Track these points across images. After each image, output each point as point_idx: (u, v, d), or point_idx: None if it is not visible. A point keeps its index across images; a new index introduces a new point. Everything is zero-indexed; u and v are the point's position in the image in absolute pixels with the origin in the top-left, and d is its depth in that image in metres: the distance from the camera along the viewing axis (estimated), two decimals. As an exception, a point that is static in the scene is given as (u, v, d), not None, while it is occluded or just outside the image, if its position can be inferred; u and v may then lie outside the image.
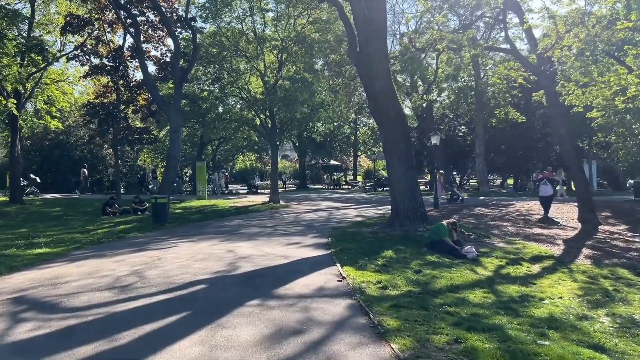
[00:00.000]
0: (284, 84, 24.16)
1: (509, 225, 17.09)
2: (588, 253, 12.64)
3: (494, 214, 20.36)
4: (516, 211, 21.38)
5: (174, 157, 18.70)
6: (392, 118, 13.33)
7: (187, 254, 10.04)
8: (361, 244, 11.26)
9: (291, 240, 12.18)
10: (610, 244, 14.25)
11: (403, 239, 12.24)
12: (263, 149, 40.56)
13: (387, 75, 13.40)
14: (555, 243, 13.95)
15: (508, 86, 31.51)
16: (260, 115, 25.14)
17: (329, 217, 18.13)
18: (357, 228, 14.19)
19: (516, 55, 20.80)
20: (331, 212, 20.46)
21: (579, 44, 20.09)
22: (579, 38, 19.88)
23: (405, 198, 13.39)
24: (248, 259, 9.21)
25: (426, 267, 9.11)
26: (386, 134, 13.59)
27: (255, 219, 18.09)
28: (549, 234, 15.54)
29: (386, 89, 13.25)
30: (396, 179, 13.47)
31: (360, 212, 19.90)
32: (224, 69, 24.79)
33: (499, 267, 10.10)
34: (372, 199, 27.98)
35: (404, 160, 13.40)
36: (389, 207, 22.93)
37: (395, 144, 13.39)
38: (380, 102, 13.32)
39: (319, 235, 13.17)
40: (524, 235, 15.02)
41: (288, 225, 15.62)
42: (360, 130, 52.05)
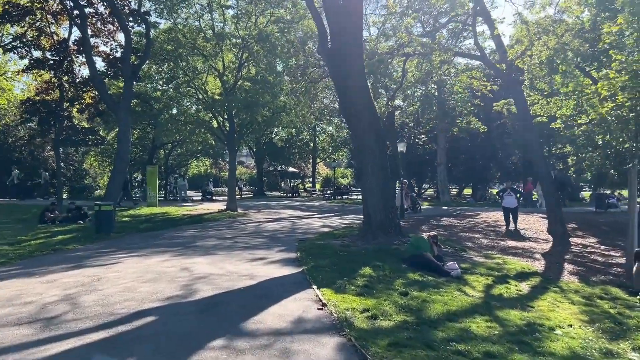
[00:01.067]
0: (245, 85, 22.78)
1: (481, 237, 16.34)
2: (571, 269, 11.92)
3: (462, 224, 19.64)
4: (483, 222, 20.76)
5: (122, 159, 16.97)
6: (366, 120, 12.23)
7: (134, 272, 8.54)
8: (334, 260, 10.05)
9: (255, 254, 10.82)
10: (589, 259, 13.65)
11: (378, 253, 11.11)
12: (219, 153, 38.82)
13: (362, 71, 12.30)
14: (534, 257, 13.22)
15: (470, 95, 31.31)
16: (218, 117, 23.61)
17: (293, 228, 16.85)
18: (326, 240, 12.99)
19: (486, 62, 20.25)
20: (294, 221, 19.18)
21: (547, 52, 19.78)
22: (548, 46, 19.56)
23: (379, 208, 12.29)
24: (207, 280, 7.82)
25: (412, 288, 8.00)
26: (359, 139, 12.48)
27: (211, 229, 16.58)
28: (524, 247, 14.84)
29: (361, 87, 12.15)
30: (369, 188, 12.36)
31: (326, 222, 18.72)
32: (179, 67, 23.15)
33: (488, 287, 9.13)
34: (335, 208, 26.88)
35: (378, 168, 12.32)
36: (355, 217, 22.09)
37: (369, 150, 12.29)
38: (354, 101, 12.20)
39: (286, 248, 11.87)
40: (499, 249, 14.26)
41: (249, 237, 14.23)
42: (320, 137, 51.07)
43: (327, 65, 14.70)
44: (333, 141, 48.80)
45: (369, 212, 12.48)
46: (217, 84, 24.93)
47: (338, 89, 13.03)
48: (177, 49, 22.67)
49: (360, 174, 12.55)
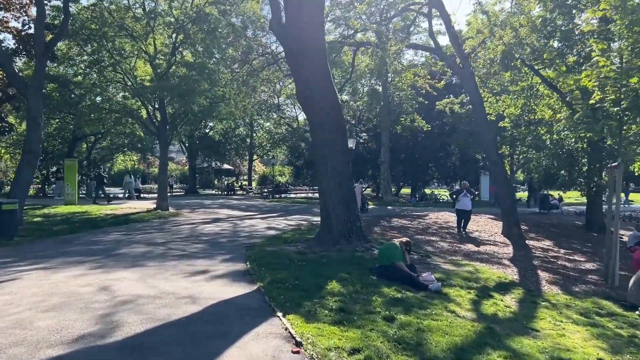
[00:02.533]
0: (179, 70, 20.51)
1: (439, 241, 15.23)
2: (547, 277, 10.91)
3: (414, 226, 18.54)
4: (434, 223, 19.81)
5: (32, 150, 14.32)
6: (326, 107, 10.63)
7: (34, 294, 6.44)
8: (293, 272, 8.36)
9: (195, 266, 8.91)
10: (558, 264, 12.79)
11: (342, 262, 9.55)
12: (148, 147, 35.87)
13: (322, 48, 10.66)
14: (502, 264, 12.16)
15: (415, 93, 30.57)
16: (147, 106, 21.17)
17: (235, 230, 14.94)
18: (277, 246, 11.24)
19: (440, 55, 19.24)
20: (235, 222, 17.25)
21: (502, 47, 19.06)
22: (503, 41, 18.83)
23: (340, 211, 10.73)
24: (134, 306, 5.90)
25: (395, 310, 6.49)
26: (317, 129, 10.84)
27: (139, 231, 14.36)
28: (487, 252, 13.83)
29: (321, 67, 10.52)
30: (329, 188, 10.76)
31: (270, 224, 16.95)
32: (104, 49, 20.48)
33: (474, 303, 7.82)
34: (276, 207, 25.12)
35: (339, 165, 10.76)
36: (300, 217, 20.43)
37: (329, 143, 10.70)
38: (312, 85, 10.55)
39: (232, 257, 10.02)
40: (463, 254, 13.14)
41: (185, 242, 12.20)
42: (257, 133, 49.01)
43: (280, 41, 12.90)
44: (271, 137, 46.96)
45: (328, 214, 10.88)
46: (147, 70, 22.42)
47: (294, 71, 11.32)
48: (101, 28, 20.01)
49: (318, 171, 10.90)
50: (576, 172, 19.72)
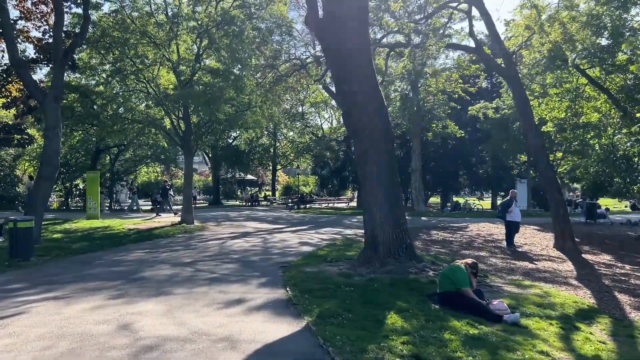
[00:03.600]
0: (204, 77, 19.58)
1: (489, 257, 13.83)
2: (628, 301, 9.45)
3: (457, 239, 17.16)
4: (477, 235, 18.40)
5: (50, 162, 13.42)
6: (371, 111, 9.44)
7: (40, 337, 5.34)
8: (342, 301, 7.16)
9: (228, 292, 7.75)
10: (630, 283, 11.30)
11: (394, 287, 8.31)
12: (171, 158, 35.13)
13: (367, 46, 9.50)
14: (570, 284, 10.73)
15: (447, 98, 29.22)
16: (171, 115, 20.28)
17: (267, 247, 13.78)
18: (316, 266, 10.04)
19: (482, 55, 17.89)
20: (264, 237, 16.12)
21: (549, 45, 17.65)
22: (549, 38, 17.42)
23: (388, 226, 9.50)
24: (160, 354, 4.74)
25: (478, 353, 5.23)
26: (361, 135, 9.63)
27: (164, 248, 13.31)
28: (546, 269, 12.39)
29: (366, 69, 9.36)
30: (375, 201, 9.54)
31: (302, 238, 15.77)
32: (126, 57, 19.67)
33: (563, 339, 6.49)
34: (305, 219, 23.95)
35: (386, 173, 9.55)
36: (332, 230, 19.17)
37: (376, 149, 9.49)
38: (356, 89, 9.38)
39: (268, 280, 8.85)
40: (521, 272, 11.72)
41: (215, 261, 11.08)
42: (281, 143, 48.06)
43: (317, 37, 11.80)
44: (295, 147, 45.96)
45: (374, 231, 9.64)
46: (171, 78, 21.57)
47: (334, 72, 10.16)
48: (123, 35, 19.23)
49: (361, 180, 9.68)
50: (633, 179, 18.12)
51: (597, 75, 20.74)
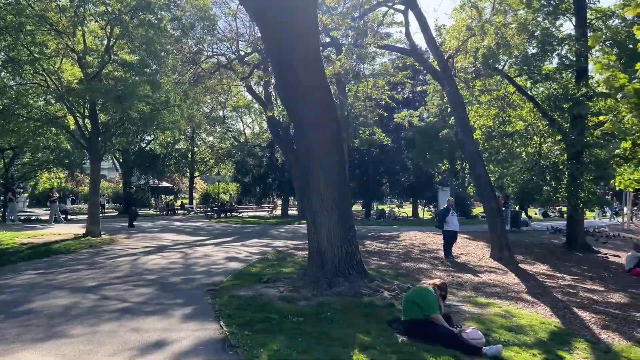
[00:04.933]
0: (115, 71, 17.34)
1: (431, 269, 12.98)
2: (591, 318, 8.81)
3: (393, 250, 16.25)
4: (412, 245, 17.63)
5: None
6: (318, 105, 8.13)
7: None
8: (292, 337, 5.74)
9: (143, 331, 6.04)
10: (580, 296, 10.82)
11: (349, 313, 7.02)
12: (76, 163, 31.70)
13: (314, 31, 8.17)
14: (524, 299, 10.02)
15: (374, 105, 28.66)
16: (76, 113, 17.78)
17: (188, 263, 11.97)
18: (251, 288, 8.52)
19: (418, 58, 17.23)
20: (184, 251, 14.23)
21: (483, 50, 17.35)
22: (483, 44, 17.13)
23: (337, 239, 8.21)
24: None
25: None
26: (305, 131, 8.28)
27: (63, 268, 11.12)
28: (492, 282, 11.71)
29: (313, 54, 8.03)
30: (322, 210, 8.21)
31: (229, 252, 14.09)
32: (21, 44, 16.94)
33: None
34: (228, 230, 22.12)
35: (335, 177, 8.27)
36: (260, 242, 17.41)
37: (323, 150, 8.17)
38: (300, 77, 8.02)
39: (195, 310, 7.20)
40: (470, 287, 10.91)
41: (125, 284, 9.17)
42: (199, 148, 45.53)
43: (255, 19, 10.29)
44: (215, 153, 43.72)
45: (320, 245, 8.30)
46: (76, 73, 18.98)
47: (275, 60, 8.72)
48: (17, 18, 16.53)
49: (307, 186, 8.33)
50: (562, 187, 18.18)
51: (524, 84, 20.95)
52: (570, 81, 18.81)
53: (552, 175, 18.79)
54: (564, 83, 18.83)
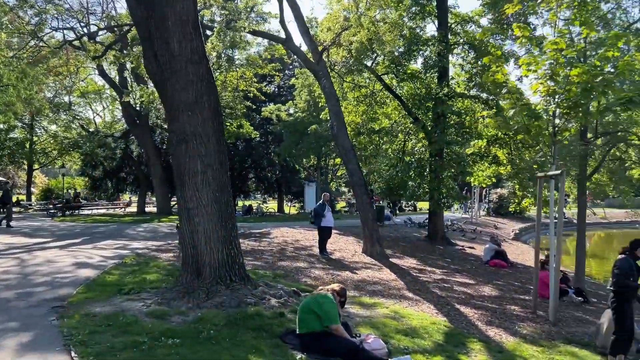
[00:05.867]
0: None
1: (309, 267, 12.40)
2: (473, 314, 8.80)
3: (266, 248, 15.37)
4: (285, 243, 16.98)
5: None
6: (197, 86, 6.91)
7: None
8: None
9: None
10: (456, 291, 10.96)
11: (234, 328, 6.00)
12: None
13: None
14: (406, 297, 9.81)
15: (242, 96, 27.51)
16: None
17: (26, 272, 9.80)
18: (110, 301, 7.02)
19: (293, 49, 16.56)
20: (21, 257, 11.83)
21: (357, 44, 17.26)
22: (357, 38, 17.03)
23: (217, 241, 7.09)
24: None
25: None
26: (183, 120, 6.99)
27: None
28: (371, 279, 11.46)
29: (190, 27, 6.77)
30: (198, 207, 7.03)
31: (78, 257, 12.00)
32: None
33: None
34: (75, 230, 19.39)
35: (216, 175, 7.14)
36: (116, 244, 15.02)
37: (202, 140, 6.97)
38: (176, 55, 6.73)
39: (34, 336, 5.58)
40: (353, 286, 10.48)
41: None
42: (40, 137, 40.21)
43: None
44: (59, 143, 38.88)
45: (195, 249, 7.11)
46: None
47: (139, 21, 7.22)
48: None
49: (181, 180, 7.08)
50: (425, 183, 18.85)
51: (390, 82, 21.43)
52: (433, 81, 19.60)
53: (416, 171, 19.42)
54: (428, 82, 19.58)
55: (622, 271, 6.25)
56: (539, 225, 9.11)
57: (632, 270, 6.18)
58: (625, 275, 6.22)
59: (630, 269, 6.19)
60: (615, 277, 6.33)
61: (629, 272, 6.19)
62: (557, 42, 7.14)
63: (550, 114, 8.22)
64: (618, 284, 6.28)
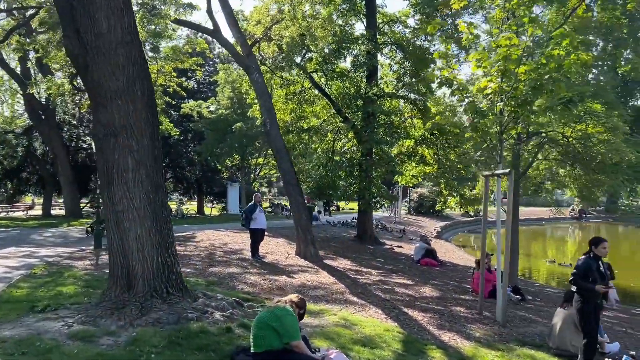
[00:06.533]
0: None
1: (244, 273, 11.65)
2: (422, 318, 8.51)
3: (192, 252, 14.39)
4: (212, 246, 16.04)
5: None
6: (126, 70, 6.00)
7: None
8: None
9: None
10: (399, 293, 10.69)
11: (177, 349, 5.20)
12: None
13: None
14: (352, 302, 9.38)
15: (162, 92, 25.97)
16: None
17: None
18: (22, 322, 5.91)
19: (222, 41, 15.63)
20: None
21: (287, 39, 16.67)
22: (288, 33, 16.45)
23: (151, 248, 6.22)
24: None
25: None
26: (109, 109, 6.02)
27: None
28: (311, 284, 10.94)
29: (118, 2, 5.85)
30: (130, 210, 6.11)
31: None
32: None
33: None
34: (-31, 237, 17.15)
35: (150, 173, 6.26)
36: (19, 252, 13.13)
37: (134, 133, 6.07)
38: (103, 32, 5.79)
39: None
40: (294, 291, 9.85)
41: None
42: None
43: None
44: None
45: (126, 258, 6.18)
46: None
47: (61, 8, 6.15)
48: None
49: (108, 178, 6.14)
50: (356, 183, 18.65)
51: (319, 80, 21.06)
52: (362, 80, 19.50)
53: (347, 171, 19.20)
54: (357, 81, 19.44)
55: (578, 271, 6.16)
56: (484, 224, 9.01)
57: (590, 271, 6.06)
58: (579, 276, 6.12)
59: (588, 269, 6.08)
60: (571, 277, 6.24)
61: (586, 273, 6.09)
62: (511, 38, 7.01)
63: (497, 112, 8.11)
64: (574, 285, 6.19)
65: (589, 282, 6.03)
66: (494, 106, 8.20)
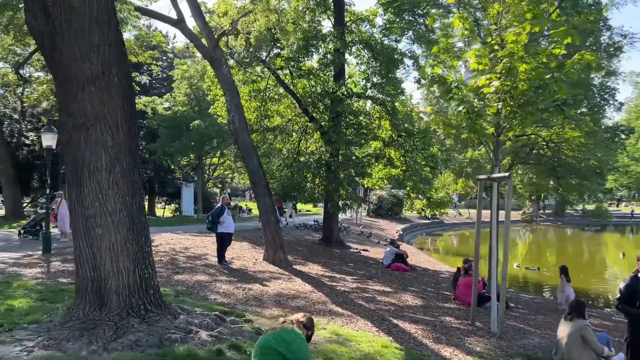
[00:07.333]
0: None
1: (214, 281, 10.83)
2: (415, 331, 8.02)
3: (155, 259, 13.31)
4: (174, 251, 15.03)
5: None
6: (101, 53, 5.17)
7: None
8: None
9: None
10: (380, 301, 10.17)
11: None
12: None
13: None
14: (338, 313, 8.79)
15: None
16: None
17: None
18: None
19: (188, 33, 14.65)
20: None
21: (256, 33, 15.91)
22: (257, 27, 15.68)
23: (126, 258, 5.39)
24: None
25: None
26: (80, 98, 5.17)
27: None
28: (292, 293, 10.24)
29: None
30: (103, 215, 5.26)
31: None
32: None
33: None
34: None
35: (126, 172, 5.43)
36: None
37: (106, 128, 5.23)
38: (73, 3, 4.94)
39: None
40: (273, 302, 9.25)
41: None
42: None
43: None
44: None
45: (97, 270, 5.33)
46: None
47: None
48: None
49: (77, 178, 5.27)
50: (323, 184, 18.05)
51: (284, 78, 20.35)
52: (329, 79, 18.99)
53: (315, 172, 18.61)
54: (324, 80, 18.91)
55: (621, 295, 5.73)
56: (478, 229, 8.60)
57: (637, 293, 5.54)
58: (622, 300, 5.70)
59: (635, 292, 5.57)
60: (616, 302, 5.84)
61: (631, 295, 5.61)
62: (519, 33, 6.61)
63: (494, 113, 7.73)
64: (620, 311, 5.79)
65: (636, 306, 5.56)
66: (490, 106, 7.82)
